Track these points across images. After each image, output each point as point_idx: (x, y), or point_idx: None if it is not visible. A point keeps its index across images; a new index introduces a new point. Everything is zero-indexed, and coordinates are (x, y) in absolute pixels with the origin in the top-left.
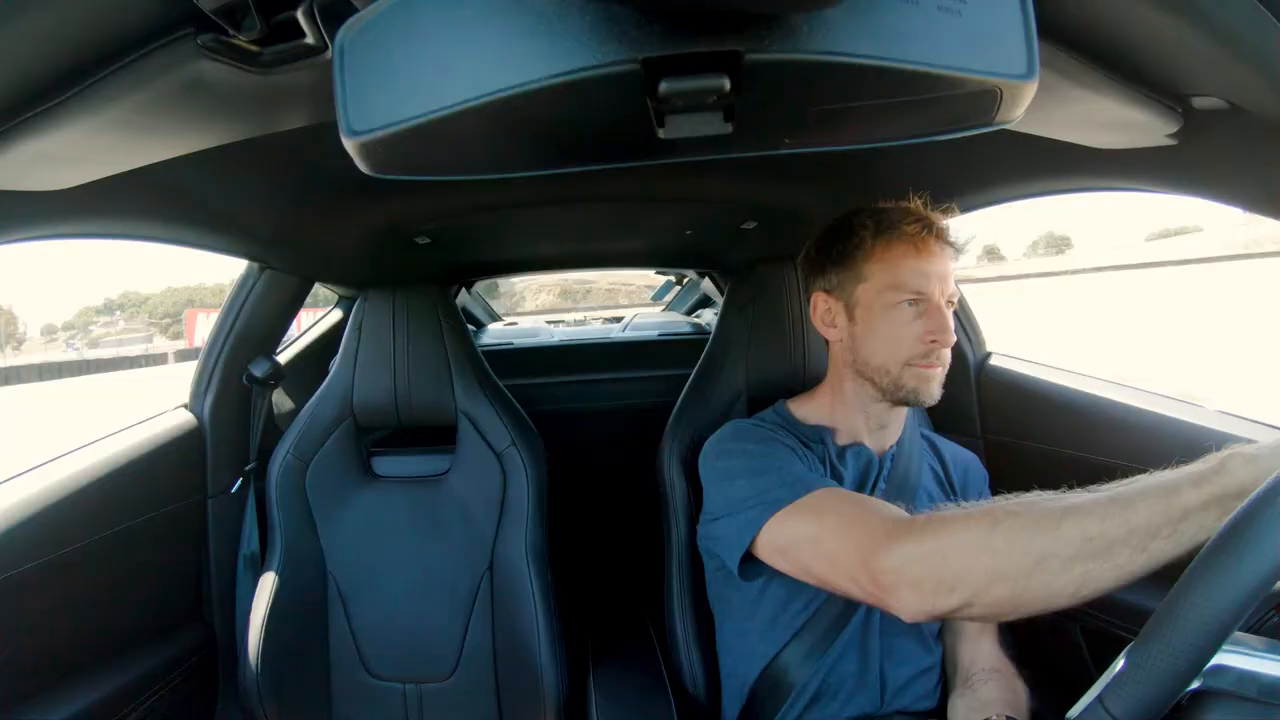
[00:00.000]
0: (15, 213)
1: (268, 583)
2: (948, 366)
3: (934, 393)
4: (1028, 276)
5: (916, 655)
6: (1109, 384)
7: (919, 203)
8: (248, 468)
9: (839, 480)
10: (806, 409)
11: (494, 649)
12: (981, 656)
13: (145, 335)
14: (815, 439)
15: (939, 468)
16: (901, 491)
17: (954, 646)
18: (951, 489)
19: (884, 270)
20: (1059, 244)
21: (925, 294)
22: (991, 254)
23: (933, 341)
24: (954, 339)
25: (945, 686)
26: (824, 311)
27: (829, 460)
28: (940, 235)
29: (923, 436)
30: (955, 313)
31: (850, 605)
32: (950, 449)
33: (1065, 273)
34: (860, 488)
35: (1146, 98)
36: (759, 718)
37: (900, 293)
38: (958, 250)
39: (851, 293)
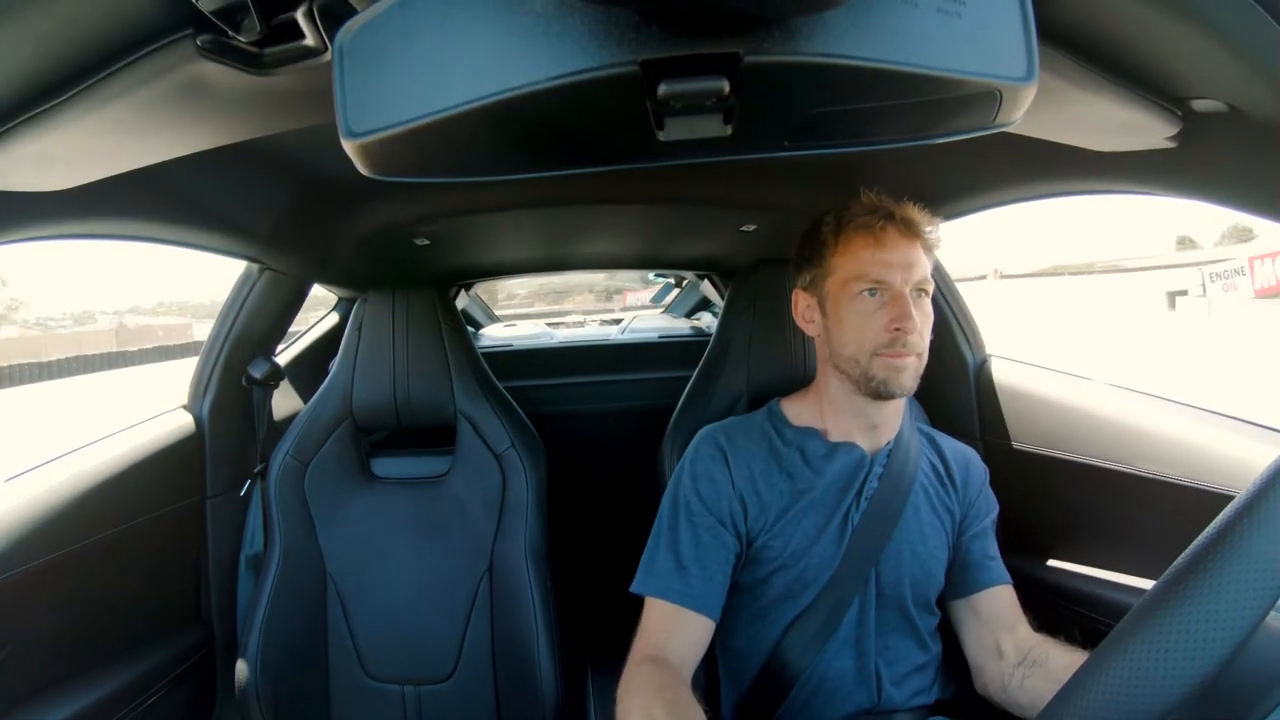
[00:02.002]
0: (14, 213)
1: (267, 584)
2: (922, 357)
3: (905, 383)
4: (1221, 261)
5: (911, 653)
6: (1108, 386)
7: (873, 195)
8: (256, 469)
9: (818, 477)
10: (799, 408)
11: (493, 651)
12: (1024, 638)
13: None
14: (797, 442)
15: (939, 463)
16: (896, 490)
17: (994, 642)
18: (952, 484)
19: (845, 262)
20: (1243, 234)
21: (886, 283)
22: (1185, 243)
23: (896, 330)
24: (916, 326)
25: (964, 681)
26: (804, 309)
27: (809, 461)
28: (902, 224)
29: (921, 432)
30: (953, 314)
31: (843, 601)
32: (949, 444)
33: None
34: (848, 487)
35: (1146, 100)
36: (758, 715)
37: (861, 282)
38: (926, 238)
39: (822, 287)
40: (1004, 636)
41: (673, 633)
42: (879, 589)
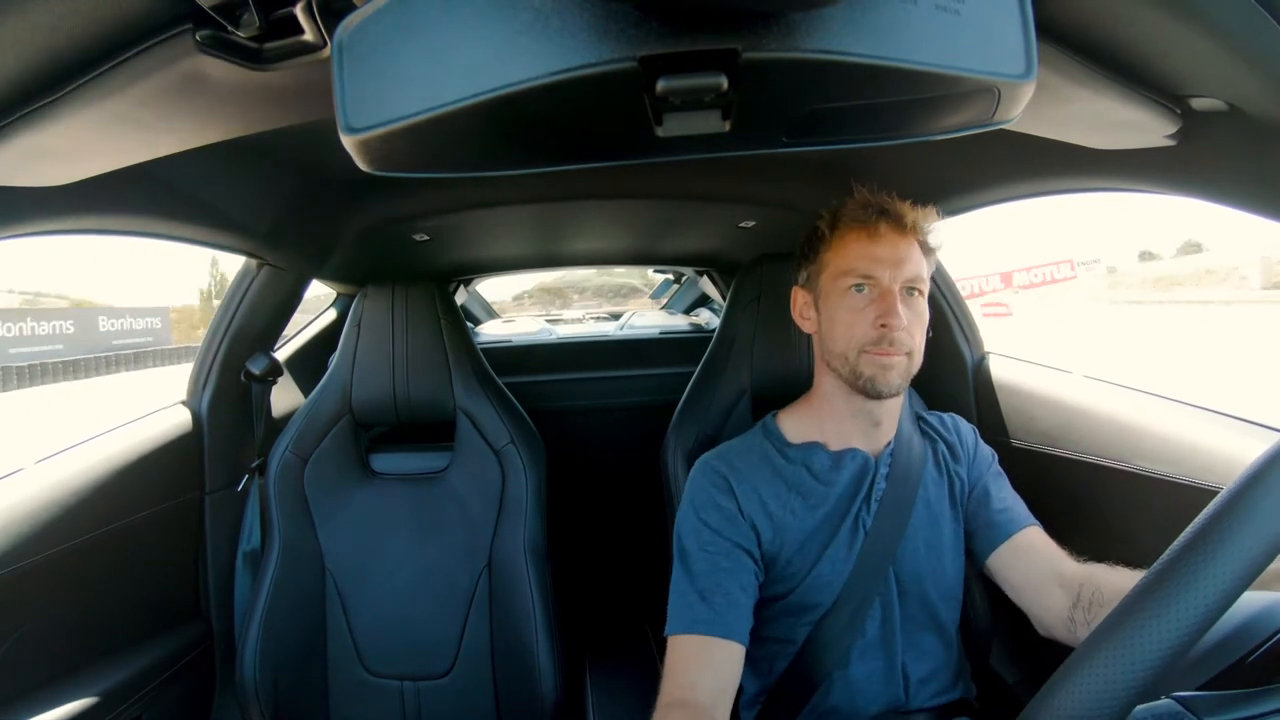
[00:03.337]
0: (13, 208)
1: (266, 579)
2: (913, 356)
3: (892, 382)
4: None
5: (936, 649)
6: (1105, 384)
7: (868, 191)
8: (253, 464)
9: (829, 489)
10: (796, 422)
11: (492, 647)
12: (1071, 574)
13: None
14: (800, 459)
15: (939, 444)
16: (904, 488)
17: (1041, 582)
18: (954, 457)
19: (837, 257)
20: (1193, 248)
21: (875, 278)
22: (1146, 256)
23: (883, 326)
24: (903, 324)
25: (980, 680)
26: (802, 305)
27: (817, 475)
28: (895, 220)
29: (919, 419)
30: (952, 312)
31: (864, 603)
32: (935, 419)
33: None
34: (856, 492)
35: (1145, 98)
36: (781, 716)
37: (850, 277)
38: (922, 236)
39: (816, 284)
40: (1049, 575)
41: (704, 669)
42: (900, 587)
